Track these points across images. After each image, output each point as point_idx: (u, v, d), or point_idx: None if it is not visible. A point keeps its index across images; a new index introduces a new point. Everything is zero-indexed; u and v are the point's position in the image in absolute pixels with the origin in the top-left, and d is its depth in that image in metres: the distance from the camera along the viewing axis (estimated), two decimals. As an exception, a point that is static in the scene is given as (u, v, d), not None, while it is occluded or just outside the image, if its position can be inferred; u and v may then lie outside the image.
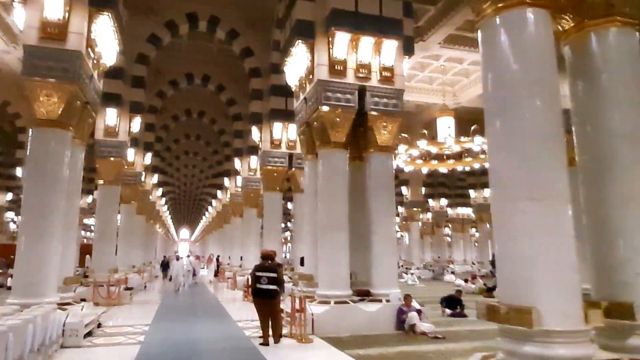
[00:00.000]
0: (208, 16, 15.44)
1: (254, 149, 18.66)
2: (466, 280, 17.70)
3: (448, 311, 10.93)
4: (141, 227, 21.46)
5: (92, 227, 25.30)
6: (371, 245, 9.41)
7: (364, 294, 9.15)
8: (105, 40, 9.21)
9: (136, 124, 15.53)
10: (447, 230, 36.88)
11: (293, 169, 15.87)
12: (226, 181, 25.17)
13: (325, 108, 9.33)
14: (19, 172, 21.85)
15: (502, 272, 4.42)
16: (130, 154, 16.66)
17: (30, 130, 8.27)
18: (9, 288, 10.01)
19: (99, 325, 8.86)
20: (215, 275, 24.83)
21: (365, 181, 9.82)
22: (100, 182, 14.48)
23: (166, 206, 39.59)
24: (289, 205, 30.42)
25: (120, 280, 13.79)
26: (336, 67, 9.48)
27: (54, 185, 7.98)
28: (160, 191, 29.20)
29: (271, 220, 16.23)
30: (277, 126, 15.74)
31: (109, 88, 13.15)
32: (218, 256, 28.24)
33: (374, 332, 8.37)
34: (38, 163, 8.05)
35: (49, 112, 8.00)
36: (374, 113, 9.62)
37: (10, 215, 28.37)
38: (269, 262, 7.92)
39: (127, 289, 14.09)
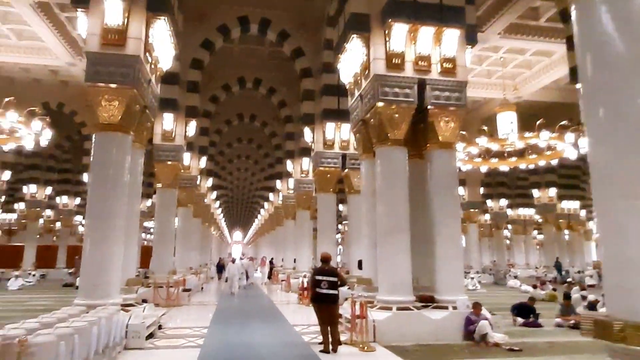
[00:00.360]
0: (259, 19, 15.56)
1: (306, 151, 18.49)
2: (534, 287, 16.42)
3: (520, 320, 10.03)
4: (197, 230, 22.00)
5: (152, 230, 26.30)
6: (434, 247, 8.81)
7: (427, 300, 8.58)
8: (161, 44, 9.34)
9: (191, 128, 15.84)
10: (505, 233, 34.93)
11: (346, 169, 15.46)
12: (278, 184, 25.26)
13: (382, 104, 8.87)
14: (85, 177, 23.12)
15: (611, 281, 3.76)
16: (186, 157, 17.03)
17: (94, 136, 8.48)
18: (78, 288, 10.37)
19: (160, 327, 8.92)
20: (269, 277, 24.96)
21: (426, 180, 9.24)
22: (159, 185, 14.87)
23: (220, 209, 40.56)
24: (340, 207, 30.16)
25: (179, 282, 14.04)
26: (393, 61, 8.99)
27: (115, 188, 8.14)
28: (214, 194, 29.90)
29: (325, 221, 16.00)
30: (330, 126, 15.44)
31: (166, 93, 13.47)
32: (272, 259, 28.41)
33: (441, 342, 7.79)
34: (101, 167, 8.26)
35: (111, 117, 8.18)
36: (434, 108, 9.04)
37: (78, 218, 30.31)
38: (328, 265, 7.58)
39: (185, 290, 14.34)
